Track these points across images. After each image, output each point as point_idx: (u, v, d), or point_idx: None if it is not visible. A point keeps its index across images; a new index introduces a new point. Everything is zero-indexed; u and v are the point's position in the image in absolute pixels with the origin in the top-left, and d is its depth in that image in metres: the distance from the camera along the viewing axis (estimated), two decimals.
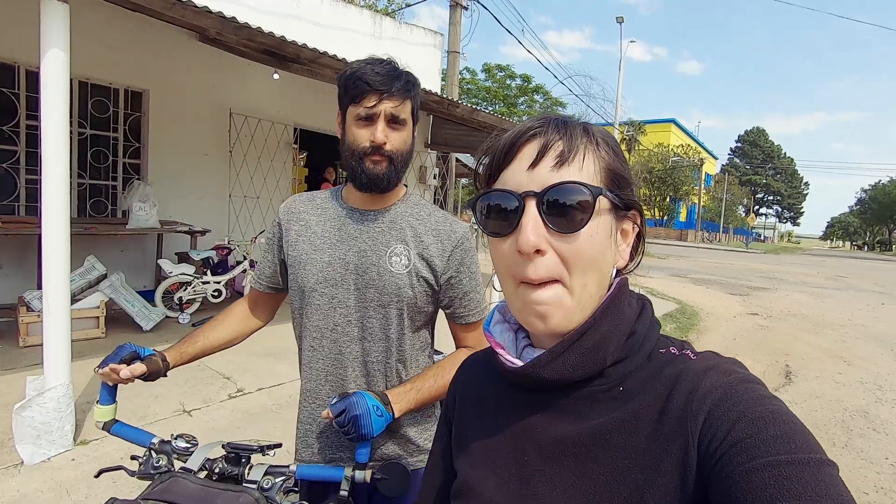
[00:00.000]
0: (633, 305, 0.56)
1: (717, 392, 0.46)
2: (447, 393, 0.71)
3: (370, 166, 1.06)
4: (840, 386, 4.99)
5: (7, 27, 4.39)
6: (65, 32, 2.50)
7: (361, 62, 1.08)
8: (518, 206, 0.50)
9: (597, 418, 0.51)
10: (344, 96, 1.08)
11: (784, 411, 0.43)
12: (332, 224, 1.14)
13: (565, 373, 0.51)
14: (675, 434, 0.46)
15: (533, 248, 0.49)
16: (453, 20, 9.39)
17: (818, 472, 0.38)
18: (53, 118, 2.50)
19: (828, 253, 47.05)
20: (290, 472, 0.94)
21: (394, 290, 1.09)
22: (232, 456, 0.95)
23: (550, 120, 0.53)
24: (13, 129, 4.80)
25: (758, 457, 0.39)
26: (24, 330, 3.82)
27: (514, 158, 0.52)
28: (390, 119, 1.05)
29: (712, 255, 24.44)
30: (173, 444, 0.97)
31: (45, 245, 2.53)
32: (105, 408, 1.03)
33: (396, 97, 1.05)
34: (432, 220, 1.15)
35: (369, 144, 1.05)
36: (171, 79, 5.64)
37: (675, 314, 7.58)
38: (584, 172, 0.51)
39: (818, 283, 14.51)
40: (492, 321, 0.62)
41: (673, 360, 0.52)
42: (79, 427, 2.72)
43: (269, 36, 3.70)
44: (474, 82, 29.59)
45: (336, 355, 1.11)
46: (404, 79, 1.07)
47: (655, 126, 44.29)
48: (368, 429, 0.94)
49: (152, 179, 5.57)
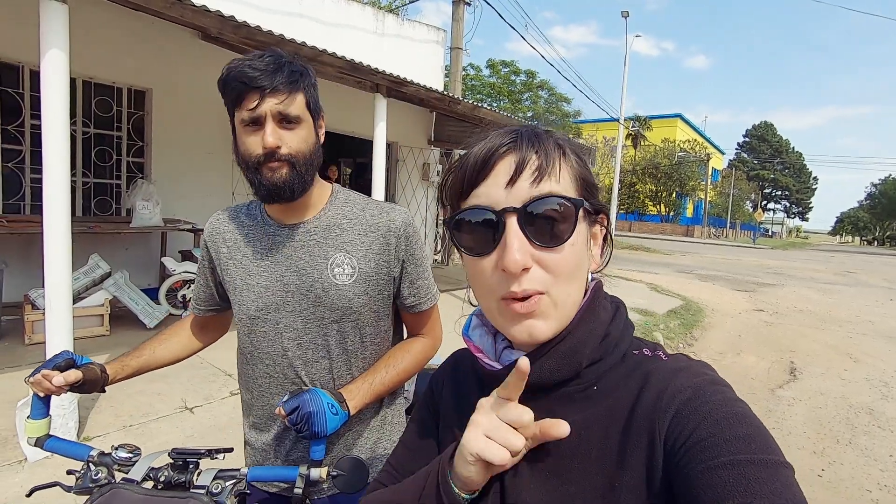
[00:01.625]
0: (607, 308, 0.57)
1: (685, 392, 0.48)
2: (432, 386, 0.71)
3: (269, 175, 0.94)
4: (846, 383, 4.95)
5: (11, 28, 4.43)
6: (64, 32, 2.51)
7: (240, 58, 0.94)
8: (497, 223, 0.50)
9: (573, 417, 0.52)
10: (226, 101, 0.95)
11: (747, 414, 0.45)
12: (262, 244, 1.05)
13: (543, 376, 0.52)
14: (644, 430, 0.48)
15: (521, 268, 0.49)
16: (456, 16, 9.35)
17: (775, 472, 0.40)
18: (54, 117, 2.52)
19: (837, 248, 46.60)
20: (242, 475, 0.90)
21: (344, 303, 1.02)
22: (179, 463, 0.90)
23: (521, 133, 0.53)
24: (18, 129, 4.84)
25: (719, 455, 0.41)
26: (30, 328, 3.86)
27: (487, 175, 0.52)
28: (280, 118, 0.93)
29: (719, 251, 24.28)
30: (113, 455, 0.92)
31: (47, 243, 2.55)
32: (37, 422, 0.94)
33: (282, 92, 0.92)
34: (367, 216, 1.06)
35: (262, 151, 0.93)
36: (174, 77, 5.66)
37: (680, 311, 7.54)
38: (561, 184, 0.51)
39: (826, 279, 14.39)
40: (470, 326, 0.62)
41: (645, 361, 0.54)
42: (82, 424, 2.75)
43: (267, 34, 3.71)
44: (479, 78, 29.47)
45: (294, 379, 1.05)
46: (287, 69, 0.93)
47: (662, 121, 44.00)
48: (322, 426, 0.90)
49: (156, 178, 5.60)
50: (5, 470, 2.35)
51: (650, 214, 41.74)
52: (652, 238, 30.53)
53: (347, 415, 0.98)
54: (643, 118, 40.61)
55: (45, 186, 2.55)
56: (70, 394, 2.60)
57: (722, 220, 45.67)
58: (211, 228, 1.11)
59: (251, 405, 1.11)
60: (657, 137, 40.03)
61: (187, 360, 1.23)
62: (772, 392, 4.59)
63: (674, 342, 5.85)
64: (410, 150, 8.87)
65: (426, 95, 5.47)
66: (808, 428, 3.83)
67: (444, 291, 7.91)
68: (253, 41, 3.89)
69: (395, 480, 0.65)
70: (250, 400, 1.11)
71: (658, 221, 40.79)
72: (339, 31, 7.17)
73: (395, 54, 7.97)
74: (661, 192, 39.59)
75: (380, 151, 5.05)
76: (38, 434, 0.94)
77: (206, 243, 1.11)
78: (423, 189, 9.30)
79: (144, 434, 2.76)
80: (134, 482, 0.86)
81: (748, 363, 5.42)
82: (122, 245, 5.44)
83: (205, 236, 1.12)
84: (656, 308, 7.46)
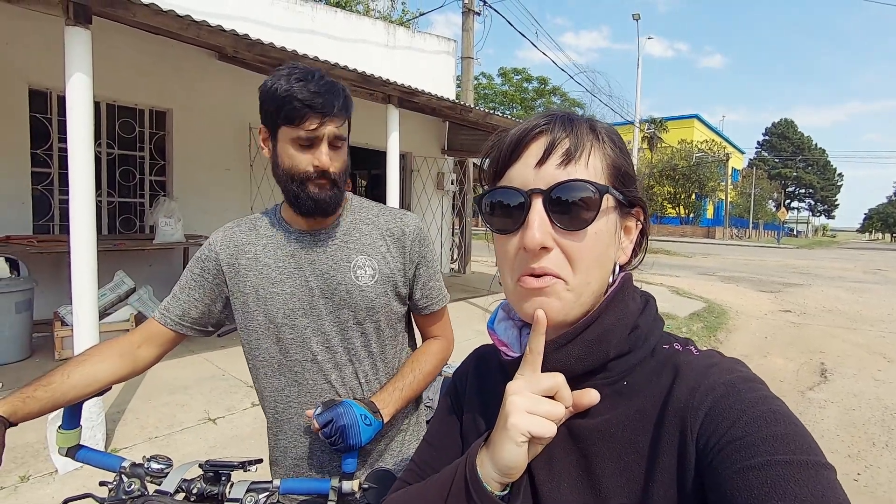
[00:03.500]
0: (636, 300, 0.56)
1: (719, 389, 0.46)
2: (455, 383, 0.70)
3: (315, 191, 0.99)
4: (880, 384, 4.77)
5: (40, 56, 4.63)
6: (87, 57, 2.62)
7: (289, 76, 0.95)
8: (524, 203, 0.51)
9: (602, 414, 0.51)
10: (275, 116, 0.96)
11: (785, 412, 0.43)
12: (283, 252, 1.06)
13: (568, 363, 0.51)
14: (676, 428, 0.46)
15: (539, 246, 0.49)
16: (466, 26, 9.44)
17: (816, 474, 0.38)
18: (79, 139, 2.62)
19: (866, 246, 45.15)
20: (274, 488, 0.89)
21: (367, 303, 1.05)
22: (210, 475, 0.90)
23: (556, 116, 0.53)
24: (47, 153, 5.03)
25: (756, 455, 0.39)
26: (59, 343, 3.97)
27: (520, 156, 0.53)
28: (332, 141, 0.98)
29: (742, 252, 23.75)
30: (146, 466, 0.91)
31: (74, 260, 2.64)
32: (68, 433, 0.95)
33: (339, 118, 0.97)
34: (382, 221, 1.12)
35: (313, 169, 0.97)
36: (193, 97, 5.83)
37: (703, 313, 7.38)
38: (590, 170, 0.51)
39: (855, 278, 13.94)
40: (496, 319, 0.62)
41: (676, 356, 0.52)
42: (109, 436, 2.81)
43: (281, 51, 3.80)
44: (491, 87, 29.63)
45: (324, 384, 1.06)
46: (343, 95, 0.98)
47: (678, 122, 43.45)
48: (357, 438, 0.91)
49: (177, 195, 5.75)
50: (37, 482, 2.41)
51: (669, 217, 41.09)
52: (672, 241, 30.00)
53: (381, 424, 0.99)
54: (659, 120, 40.18)
55: (71, 205, 2.64)
56: (97, 406, 2.69)
57: (744, 221, 44.72)
58: (227, 241, 1.08)
59: (279, 421, 1.10)
60: (674, 139, 39.51)
61: (208, 372, 1.21)
62: (802, 394, 4.45)
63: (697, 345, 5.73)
64: (424, 160, 8.93)
65: (438, 105, 5.52)
66: (842, 431, 3.70)
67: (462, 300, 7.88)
68: (268, 58, 4.00)
69: (419, 478, 0.64)
70: (277, 416, 1.10)
71: (678, 224, 40.10)
72: (351, 46, 7.30)
73: (407, 66, 8.08)
74: (679, 194, 38.96)
75: (393, 161, 5.10)
76: (69, 444, 0.95)
77: (218, 257, 1.07)
78: (437, 198, 9.33)
79: (169, 445, 2.81)
80: (167, 494, 0.86)
81: (776, 365, 5.27)
82: (146, 261, 5.58)
83: (214, 250, 1.08)
84: (678, 311, 7.32)
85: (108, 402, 3.10)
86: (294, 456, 1.09)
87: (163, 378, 3.63)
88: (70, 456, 0.95)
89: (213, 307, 1.09)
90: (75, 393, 0.94)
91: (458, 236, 10.21)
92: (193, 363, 3.95)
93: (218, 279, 1.07)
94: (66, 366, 0.96)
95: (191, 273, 1.08)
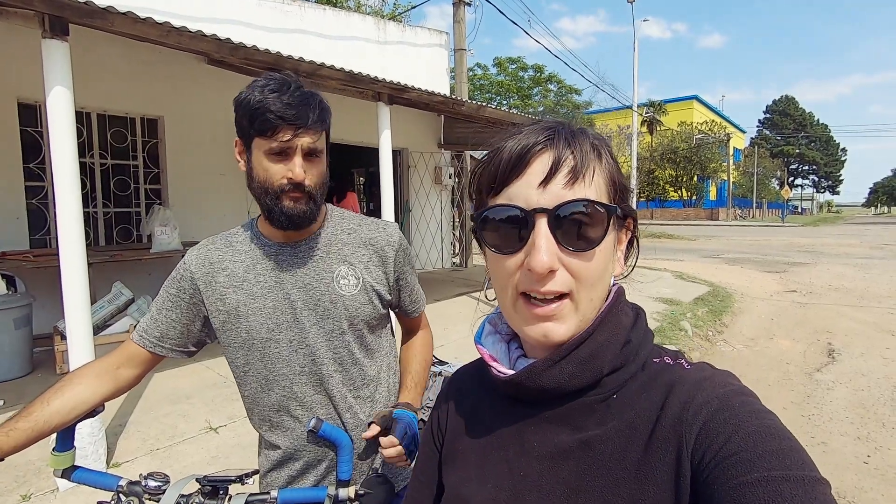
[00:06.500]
0: (628, 314, 0.55)
1: (712, 403, 0.46)
2: (435, 410, 0.70)
3: (289, 205, 0.97)
4: (889, 362, 4.72)
5: (27, 70, 4.59)
6: (66, 69, 2.58)
7: (263, 87, 0.93)
8: (528, 223, 0.49)
9: (592, 429, 0.51)
10: (249, 127, 0.95)
11: (779, 427, 0.43)
12: (262, 266, 1.04)
13: (562, 381, 0.51)
14: (669, 444, 0.46)
15: (547, 269, 0.48)
16: (457, 17, 9.33)
17: (812, 490, 0.38)
18: (62, 151, 2.59)
19: (872, 220, 44.74)
20: (273, 499, 0.90)
21: (351, 312, 1.05)
22: (208, 489, 0.91)
23: (558, 131, 0.51)
24: (39, 166, 5.01)
25: (752, 471, 0.40)
26: (60, 358, 3.97)
27: (521, 173, 0.50)
28: (307, 153, 0.96)
29: (746, 233, 23.60)
30: (143, 483, 0.92)
31: (64, 275, 2.63)
32: (61, 455, 0.95)
33: (313, 130, 0.95)
34: (364, 231, 1.12)
35: (287, 181, 0.95)
36: (184, 103, 5.79)
37: (707, 297, 7.33)
38: (594, 188, 0.50)
39: (862, 254, 13.81)
40: (483, 333, 0.61)
41: (667, 370, 0.52)
42: (111, 451, 2.80)
43: (265, 53, 3.75)
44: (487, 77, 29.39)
45: (314, 395, 1.06)
46: (318, 107, 0.96)
47: (677, 105, 43.13)
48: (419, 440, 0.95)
49: (173, 202, 5.73)
50: (39, 499, 2.41)
51: (672, 200, 40.84)
52: (675, 224, 29.86)
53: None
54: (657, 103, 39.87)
55: (58, 217, 2.62)
56: (98, 422, 2.68)
57: (748, 201, 44.42)
58: (201, 260, 1.05)
59: (272, 435, 1.08)
60: (673, 121, 39.22)
61: (209, 380, 1.21)
62: (809, 376, 4.40)
63: (703, 330, 5.67)
64: (421, 155, 8.87)
65: (430, 99, 5.45)
66: (851, 412, 3.65)
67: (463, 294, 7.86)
68: (253, 61, 3.95)
69: None
70: (270, 430, 1.08)
71: (680, 207, 39.86)
72: (342, 44, 7.23)
73: (399, 61, 8.00)
74: (681, 177, 38.71)
75: (386, 159, 5.05)
76: (62, 466, 0.95)
77: (193, 276, 1.04)
78: (436, 193, 9.29)
79: (171, 457, 2.80)
80: None
81: (783, 347, 5.22)
82: (144, 271, 5.57)
83: (189, 269, 1.05)
84: (682, 296, 7.27)
85: (110, 416, 3.10)
86: (288, 469, 1.08)
87: (164, 388, 3.62)
88: (66, 477, 0.95)
89: (192, 327, 1.07)
90: (59, 419, 0.93)
91: (458, 230, 10.17)
92: (195, 372, 3.94)
93: (195, 298, 1.05)
94: (46, 394, 0.95)
95: (167, 293, 1.06)
